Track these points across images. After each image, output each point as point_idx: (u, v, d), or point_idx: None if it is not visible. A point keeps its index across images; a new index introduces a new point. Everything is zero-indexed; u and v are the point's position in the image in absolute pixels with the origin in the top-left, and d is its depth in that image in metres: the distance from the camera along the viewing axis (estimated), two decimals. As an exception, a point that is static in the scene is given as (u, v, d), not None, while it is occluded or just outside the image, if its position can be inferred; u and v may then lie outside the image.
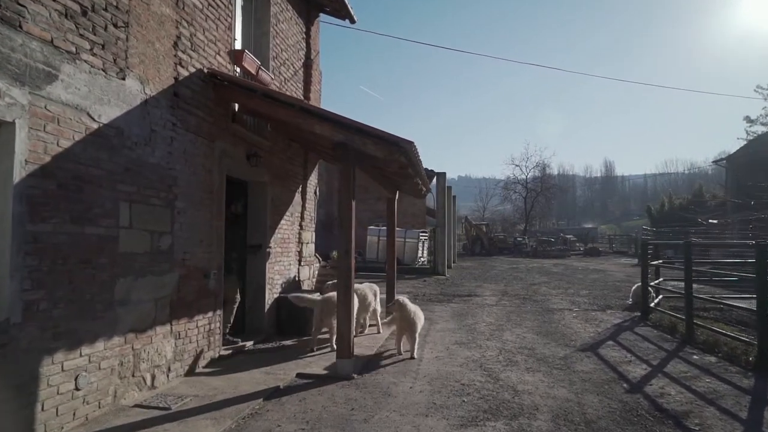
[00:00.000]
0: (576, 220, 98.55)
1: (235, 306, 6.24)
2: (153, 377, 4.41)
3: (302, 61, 8.48)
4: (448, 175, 19.79)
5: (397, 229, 20.83)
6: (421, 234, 21.26)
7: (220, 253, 5.57)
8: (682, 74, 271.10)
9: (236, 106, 6.02)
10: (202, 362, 5.26)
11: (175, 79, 4.74)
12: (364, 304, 7.04)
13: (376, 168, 6.58)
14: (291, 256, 7.91)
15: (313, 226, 8.99)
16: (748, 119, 46.89)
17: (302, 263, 8.38)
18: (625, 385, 4.94)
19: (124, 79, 4.03)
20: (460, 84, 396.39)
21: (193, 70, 5.03)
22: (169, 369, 4.65)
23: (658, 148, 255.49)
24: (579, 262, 27.61)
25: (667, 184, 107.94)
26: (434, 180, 19.13)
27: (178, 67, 4.79)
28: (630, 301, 11.18)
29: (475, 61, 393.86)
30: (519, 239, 37.61)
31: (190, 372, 5.01)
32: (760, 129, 44.61)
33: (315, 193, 9.04)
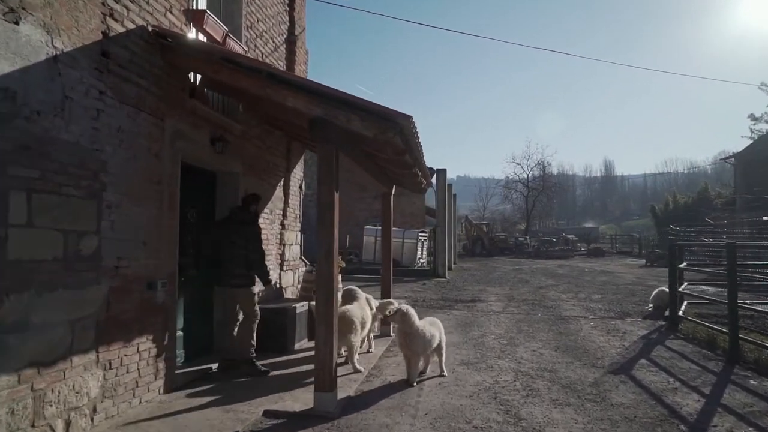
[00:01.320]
0: (575, 219, 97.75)
1: (255, 322, 5.34)
2: (68, 424, 3.34)
3: (284, 36, 7.42)
4: (447, 175, 18.72)
5: (395, 228, 19.75)
6: (420, 234, 20.20)
7: (173, 258, 4.50)
8: (681, 76, 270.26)
9: (197, 78, 4.96)
10: (147, 396, 4.18)
11: (104, 34, 3.66)
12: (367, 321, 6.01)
13: (366, 154, 5.51)
14: (271, 260, 6.83)
15: (299, 225, 7.93)
16: (752, 117, 46.10)
17: (284, 268, 7.31)
18: (682, 426, 3.87)
19: (17, 23, 2.96)
20: (458, 84, 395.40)
21: (131, 26, 3.96)
22: (94, 410, 3.58)
23: (657, 148, 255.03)
24: (584, 262, 26.59)
25: (666, 183, 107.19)
26: (434, 177, 18.05)
27: (108, 19, 3.71)
28: (650, 307, 10.15)
29: (472, 60, 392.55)
30: (521, 239, 36.63)
31: (128, 410, 3.93)
32: (764, 127, 43.85)
33: (300, 188, 7.98)
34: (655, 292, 10.20)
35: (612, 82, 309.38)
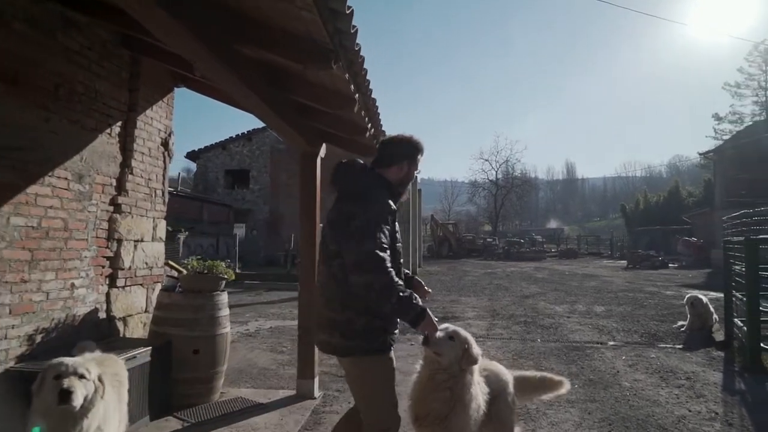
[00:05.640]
0: (539, 221, 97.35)
1: None
2: None
3: None
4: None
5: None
6: (379, 233, 17.04)
7: None
8: (648, 78, 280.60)
9: None
10: None
11: None
12: None
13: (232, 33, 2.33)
14: (76, 269, 3.57)
15: (161, 208, 4.69)
16: (716, 117, 46.17)
17: (119, 283, 4.04)
18: None
19: None
20: (421, 85, 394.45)
21: None
22: None
23: (617, 151, 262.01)
24: (559, 265, 24.27)
25: (625, 186, 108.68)
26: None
27: None
28: (681, 325, 7.45)
29: (431, 62, 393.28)
30: (489, 240, 34.28)
31: None
32: (728, 127, 43.64)
33: (165, 146, 4.73)
34: (690, 301, 7.39)
35: (576, 84, 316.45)
